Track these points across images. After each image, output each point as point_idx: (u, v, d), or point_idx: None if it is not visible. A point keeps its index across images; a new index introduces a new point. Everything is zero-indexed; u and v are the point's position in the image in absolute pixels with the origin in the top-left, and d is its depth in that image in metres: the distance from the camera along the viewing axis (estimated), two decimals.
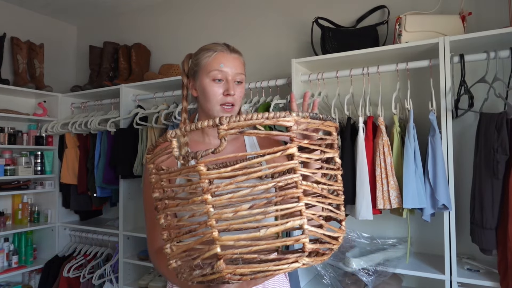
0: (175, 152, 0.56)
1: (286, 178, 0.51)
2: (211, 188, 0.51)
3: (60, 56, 3.18)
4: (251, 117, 0.49)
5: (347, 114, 1.75)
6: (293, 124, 0.52)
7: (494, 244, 1.40)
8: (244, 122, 0.49)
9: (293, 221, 0.52)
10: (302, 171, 0.52)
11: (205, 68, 0.95)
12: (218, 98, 0.94)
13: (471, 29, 1.68)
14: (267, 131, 0.52)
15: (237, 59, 0.97)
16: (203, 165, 0.51)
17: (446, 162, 1.50)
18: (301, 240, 0.52)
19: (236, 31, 2.47)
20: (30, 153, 2.71)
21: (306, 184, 0.53)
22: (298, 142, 0.53)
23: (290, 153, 0.52)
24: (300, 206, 0.52)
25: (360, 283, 1.65)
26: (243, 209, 0.50)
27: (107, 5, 2.91)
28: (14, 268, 2.56)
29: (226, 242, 0.50)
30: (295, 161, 0.52)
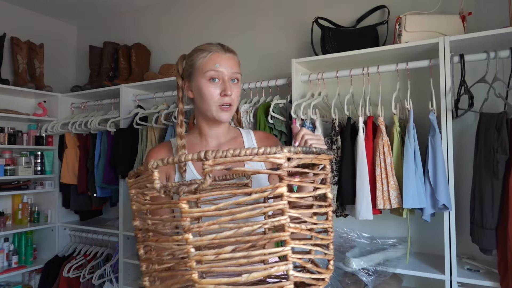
0: (156, 184, 0.52)
1: (273, 220, 0.48)
2: (193, 227, 0.48)
3: (60, 56, 3.18)
4: (239, 153, 0.45)
5: (347, 114, 1.75)
6: (284, 162, 0.48)
7: (494, 244, 1.40)
8: (231, 158, 0.46)
9: (278, 267, 0.49)
10: (290, 212, 0.49)
11: (201, 69, 0.94)
12: (216, 99, 0.93)
13: (471, 29, 1.68)
14: (254, 170, 0.51)
15: (232, 58, 0.97)
16: (185, 203, 0.48)
17: (446, 162, 1.50)
18: (285, 287, 0.49)
19: (236, 31, 2.47)
20: (30, 153, 2.71)
21: (294, 226, 0.50)
22: (289, 181, 0.49)
23: (279, 193, 0.49)
24: (287, 250, 0.49)
25: (360, 283, 1.65)
26: (225, 252, 0.47)
27: (107, 5, 2.91)
28: (14, 268, 2.56)
29: (206, 286, 0.48)
30: (284, 202, 0.49)
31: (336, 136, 1.70)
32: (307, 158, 0.53)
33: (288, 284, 0.49)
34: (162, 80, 2.29)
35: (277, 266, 0.48)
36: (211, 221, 0.48)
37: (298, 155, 0.51)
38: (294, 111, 1.79)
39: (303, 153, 0.51)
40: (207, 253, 0.48)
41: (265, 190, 0.48)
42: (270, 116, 1.85)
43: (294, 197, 0.50)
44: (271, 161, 0.47)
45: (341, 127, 1.73)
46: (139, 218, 0.59)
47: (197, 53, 0.96)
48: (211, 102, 0.93)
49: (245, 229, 0.48)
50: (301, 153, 0.51)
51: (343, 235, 1.87)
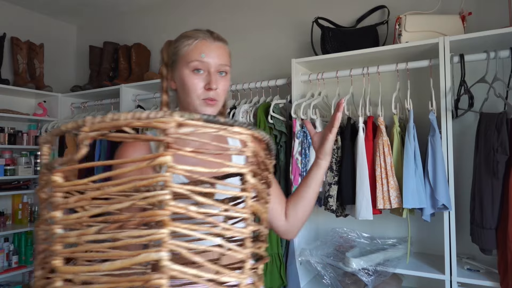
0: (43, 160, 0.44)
1: (148, 195, 0.38)
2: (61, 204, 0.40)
3: (60, 56, 3.18)
4: (119, 117, 0.38)
5: (347, 114, 1.75)
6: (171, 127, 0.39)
7: (494, 244, 1.40)
8: (109, 123, 0.38)
9: (147, 254, 0.37)
10: (174, 187, 0.38)
11: (185, 58, 0.85)
12: (199, 92, 0.84)
13: (471, 29, 1.68)
14: (134, 135, 0.41)
15: (221, 47, 0.88)
16: (59, 175, 0.40)
17: (446, 162, 1.50)
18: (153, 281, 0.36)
19: (236, 31, 2.47)
20: (30, 153, 2.72)
21: (176, 205, 0.38)
22: (177, 149, 0.39)
23: (160, 162, 0.38)
24: (160, 234, 0.37)
25: (360, 283, 1.65)
26: (88, 233, 0.38)
27: (107, 5, 2.91)
28: (14, 268, 2.56)
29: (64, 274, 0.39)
30: (166, 174, 0.38)
31: (336, 136, 1.70)
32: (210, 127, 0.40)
33: (156, 278, 0.36)
34: None
35: (145, 254, 0.37)
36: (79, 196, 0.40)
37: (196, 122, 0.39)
38: (294, 111, 1.79)
39: (204, 121, 0.40)
40: (70, 234, 0.39)
41: (143, 159, 0.39)
42: (270, 116, 1.85)
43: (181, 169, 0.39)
44: (155, 125, 0.38)
45: (341, 127, 1.73)
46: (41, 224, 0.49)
47: (182, 40, 0.87)
48: (194, 96, 0.85)
49: (115, 205, 0.39)
50: (200, 121, 0.40)
51: (343, 235, 1.87)
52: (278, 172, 1.83)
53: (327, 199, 1.64)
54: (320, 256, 1.69)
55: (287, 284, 1.75)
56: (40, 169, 0.44)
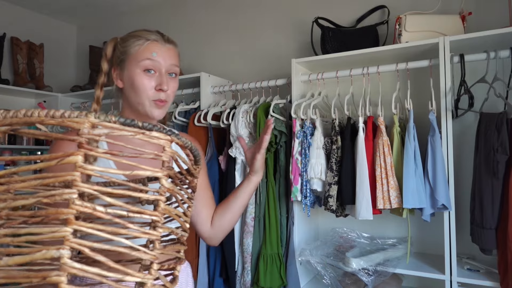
0: None
1: (54, 193, 0.37)
2: None
3: (60, 56, 3.18)
4: (31, 113, 0.37)
5: (347, 114, 1.75)
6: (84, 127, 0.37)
7: (494, 244, 1.40)
8: (21, 119, 0.37)
9: (47, 251, 0.35)
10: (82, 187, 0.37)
11: (135, 58, 0.84)
12: (149, 93, 0.84)
13: (471, 29, 1.68)
14: (45, 133, 0.39)
15: (171, 49, 0.88)
16: None
17: (446, 162, 1.50)
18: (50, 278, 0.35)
19: (236, 31, 2.47)
20: (30, 153, 2.72)
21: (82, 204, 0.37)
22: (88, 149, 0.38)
23: (69, 161, 0.37)
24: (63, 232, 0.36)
25: (360, 283, 1.65)
26: None
27: (107, 5, 2.91)
28: None
29: None
30: (75, 173, 0.37)
31: (336, 136, 1.70)
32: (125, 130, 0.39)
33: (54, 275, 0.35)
34: None
35: (45, 250, 0.36)
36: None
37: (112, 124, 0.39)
38: (294, 111, 1.79)
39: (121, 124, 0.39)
40: None
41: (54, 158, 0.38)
42: (270, 116, 1.85)
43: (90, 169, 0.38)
44: (68, 124, 0.37)
45: (341, 127, 1.73)
46: None
47: (132, 39, 0.86)
48: (144, 96, 0.84)
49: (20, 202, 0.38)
50: (116, 123, 0.39)
51: (343, 235, 1.87)
52: (278, 172, 1.83)
53: (327, 199, 1.64)
54: (320, 256, 1.69)
55: (287, 284, 1.75)
56: None
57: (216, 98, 2.24)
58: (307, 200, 1.70)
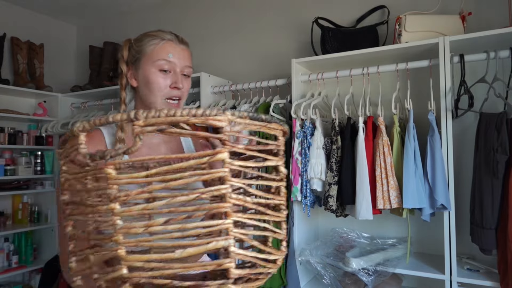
0: (82, 149, 0.46)
1: (212, 189, 0.42)
2: (120, 196, 0.42)
3: (60, 56, 3.18)
4: (174, 113, 0.40)
5: (347, 114, 1.75)
6: (226, 125, 0.42)
7: (494, 244, 1.40)
8: (165, 118, 0.40)
9: (217, 242, 0.42)
10: (233, 181, 0.43)
11: (151, 57, 0.86)
12: (164, 91, 0.86)
13: (471, 29, 1.68)
14: (192, 132, 0.43)
15: (185, 50, 0.90)
16: (112, 167, 0.42)
17: (446, 162, 1.50)
18: (224, 264, 0.42)
19: (236, 31, 2.47)
20: (30, 153, 2.72)
21: (236, 197, 0.43)
22: (231, 146, 0.43)
23: (219, 159, 0.42)
24: (227, 224, 0.42)
25: (360, 283, 1.65)
26: (155, 224, 0.41)
27: (107, 5, 2.91)
28: (14, 268, 2.56)
29: (134, 263, 0.42)
30: (225, 169, 0.42)
31: (336, 136, 1.70)
32: (254, 125, 0.45)
33: (227, 262, 0.42)
34: None
35: (215, 242, 0.42)
36: (140, 189, 0.42)
37: (244, 120, 0.44)
38: (294, 111, 1.79)
39: (250, 118, 0.44)
40: (135, 225, 0.41)
41: (204, 155, 0.42)
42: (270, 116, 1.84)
43: (237, 165, 0.43)
44: (211, 123, 0.41)
45: (341, 127, 1.73)
46: (67, 191, 0.51)
47: (147, 39, 0.88)
48: (159, 94, 0.86)
49: (180, 198, 0.42)
50: (247, 118, 0.44)
51: (343, 235, 1.87)
52: None
53: (327, 199, 1.64)
54: (320, 256, 1.69)
55: (287, 284, 1.75)
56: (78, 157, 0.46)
57: (216, 98, 2.24)
58: (307, 200, 1.70)
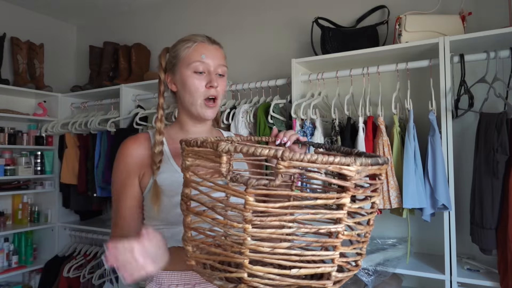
0: (223, 169, 0.53)
1: (331, 227, 0.52)
2: (254, 220, 0.50)
3: (60, 56, 3.18)
4: (316, 159, 0.47)
5: (347, 114, 1.75)
6: (354, 174, 0.49)
7: (494, 244, 1.40)
8: (307, 163, 0.47)
9: (324, 268, 0.53)
10: (348, 222, 0.52)
11: (185, 60, 0.89)
12: (201, 91, 0.89)
13: (471, 29, 1.68)
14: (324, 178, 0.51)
15: (218, 50, 0.93)
16: (252, 196, 0.50)
17: (446, 162, 1.50)
18: (327, 285, 0.54)
19: (236, 31, 2.47)
20: (30, 153, 2.71)
21: (347, 234, 0.53)
22: (354, 192, 0.51)
23: (342, 203, 0.51)
24: (336, 255, 0.53)
25: (360, 283, 1.65)
26: (282, 247, 0.51)
27: (107, 5, 2.91)
28: (14, 268, 2.56)
29: (256, 272, 0.51)
30: (344, 211, 0.51)
31: (336, 136, 1.70)
32: (372, 169, 0.54)
33: (330, 284, 0.54)
34: None
35: (323, 267, 0.52)
36: (273, 217, 0.50)
37: (367, 167, 0.51)
38: (294, 111, 1.79)
39: (371, 165, 0.52)
40: (263, 244, 0.50)
41: (330, 198, 0.50)
42: (270, 116, 1.85)
43: (354, 208, 0.52)
44: (343, 172, 0.49)
45: (341, 127, 1.73)
46: (193, 188, 0.60)
47: (181, 44, 0.92)
48: (196, 95, 0.89)
49: (303, 230, 0.51)
50: (369, 165, 0.52)
51: None
52: None
53: None
54: None
55: None
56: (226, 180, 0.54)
57: None
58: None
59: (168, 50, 0.96)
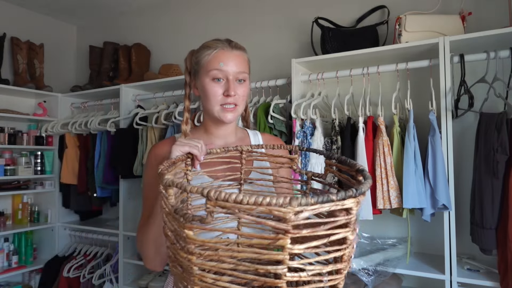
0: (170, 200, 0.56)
1: (270, 268, 0.48)
2: (196, 253, 0.51)
3: (60, 56, 3.18)
4: (241, 200, 0.44)
5: (347, 114, 1.75)
6: (291, 216, 0.44)
7: (494, 244, 1.40)
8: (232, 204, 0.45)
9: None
10: (290, 264, 0.47)
11: (205, 67, 0.91)
12: (218, 99, 0.90)
13: (471, 29, 1.68)
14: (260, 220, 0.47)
15: (239, 56, 0.92)
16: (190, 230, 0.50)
17: (446, 162, 1.50)
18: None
19: (236, 31, 2.47)
20: (30, 153, 2.71)
21: (291, 275, 0.49)
22: (293, 233, 0.45)
23: (279, 245, 0.46)
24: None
25: (360, 283, 1.65)
26: (223, 280, 0.50)
27: (107, 5, 2.91)
28: (14, 268, 2.56)
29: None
30: (284, 253, 0.46)
31: (336, 136, 1.70)
32: (322, 208, 0.46)
33: None
34: (162, 80, 2.29)
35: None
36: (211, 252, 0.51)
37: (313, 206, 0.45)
38: (294, 111, 1.79)
39: (318, 203, 0.45)
40: (207, 275, 0.51)
41: (266, 238, 0.47)
42: (270, 116, 1.85)
43: (297, 249, 0.46)
44: (275, 214, 0.44)
45: (341, 127, 1.73)
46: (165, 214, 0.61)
47: (203, 50, 0.93)
48: (214, 102, 0.91)
49: (241, 268, 0.49)
50: (315, 204, 0.45)
51: None
52: None
53: None
54: None
55: None
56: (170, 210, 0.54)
57: None
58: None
59: (193, 53, 0.98)
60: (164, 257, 0.87)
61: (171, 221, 0.56)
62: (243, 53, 0.95)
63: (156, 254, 0.86)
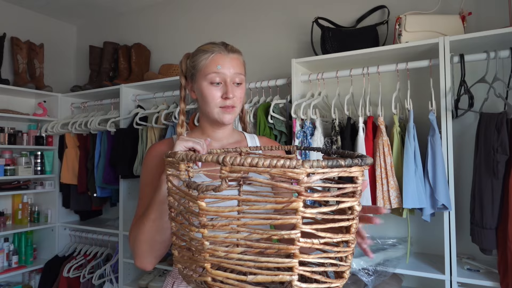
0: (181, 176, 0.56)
1: (283, 233, 0.49)
2: (208, 224, 0.51)
3: (60, 56, 3.18)
4: (256, 163, 0.46)
5: (347, 114, 1.75)
6: (304, 177, 0.46)
7: (494, 244, 1.40)
8: (248, 168, 0.46)
9: (283, 276, 0.50)
10: (303, 228, 0.49)
11: (203, 71, 0.92)
12: (217, 101, 0.92)
13: (471, 29, 1.68)
14: (272, 182, 0.51)
15: (235, 59, 0.94)
16: (203, 200, 0.51)
17: (446, 162, 1.50)
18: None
19: (236, 31, 2.47)
20: (30, 153, 2.71)
21: (304, 241, 0.50)
22: (306, 196, 0.47)
23: (293, 207, 0.48)
24: (293, 263, 0.50)
25: (360, 283, 1.65)
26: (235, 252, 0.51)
27: (107, 5, 2.91)
28: (14, 268, 2.56)
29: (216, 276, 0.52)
30: (297, 217, 0.48)
31: (336, 136, 1.70)
32: (332, 172, 0.48)
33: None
34: (162, 80, 2.29)
35: (281, 275, 0.50)
36: (225, 221, 0.51)
37: (323, 169, 0.47)
38: (294, 111, 1.79)
39: (328, 167, 0.47)
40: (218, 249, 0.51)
41: (279, 203, 0.48)
42: (270, 116, 1.85)
43: (309, 213, 0.49)
44: (289, 175, 0.46)
45: (341, 127, 1.73)
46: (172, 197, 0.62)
47: (199, 54, 0.94)
48: (213, 105, 0.92)
49: (254, 236, 0.50)
50: (326, 168, 0.47)
51: None
52: None
53: None
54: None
55: None
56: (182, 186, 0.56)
57: None
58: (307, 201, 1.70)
59: (188, 56, 0.99)
60: (156, 254, 0.87)
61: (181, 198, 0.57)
62: (239, 56, 0.96)
63: (149, 251, 0.87)
